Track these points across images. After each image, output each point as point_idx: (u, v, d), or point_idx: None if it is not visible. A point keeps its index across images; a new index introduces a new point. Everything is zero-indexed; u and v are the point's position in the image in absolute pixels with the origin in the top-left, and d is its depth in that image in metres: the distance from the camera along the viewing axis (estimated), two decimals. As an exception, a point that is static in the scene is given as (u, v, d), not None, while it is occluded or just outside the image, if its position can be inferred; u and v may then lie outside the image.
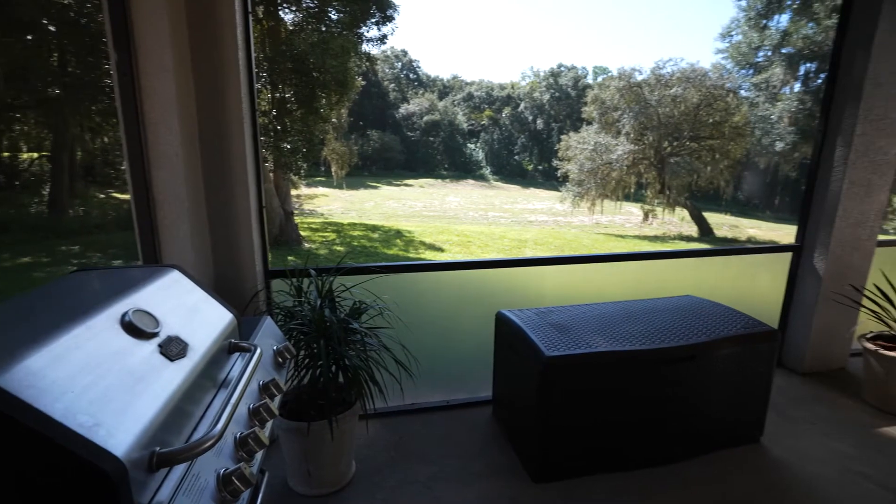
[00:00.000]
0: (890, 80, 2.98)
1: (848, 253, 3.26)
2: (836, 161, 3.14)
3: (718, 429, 2.48)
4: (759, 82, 21.91)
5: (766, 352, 2.47)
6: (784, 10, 18.74)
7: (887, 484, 2.28)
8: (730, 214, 23.84)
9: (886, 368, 2.88)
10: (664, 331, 2.37)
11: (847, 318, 3.38)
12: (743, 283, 3.64)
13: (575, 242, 16.05)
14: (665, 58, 23.11)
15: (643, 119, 19.16)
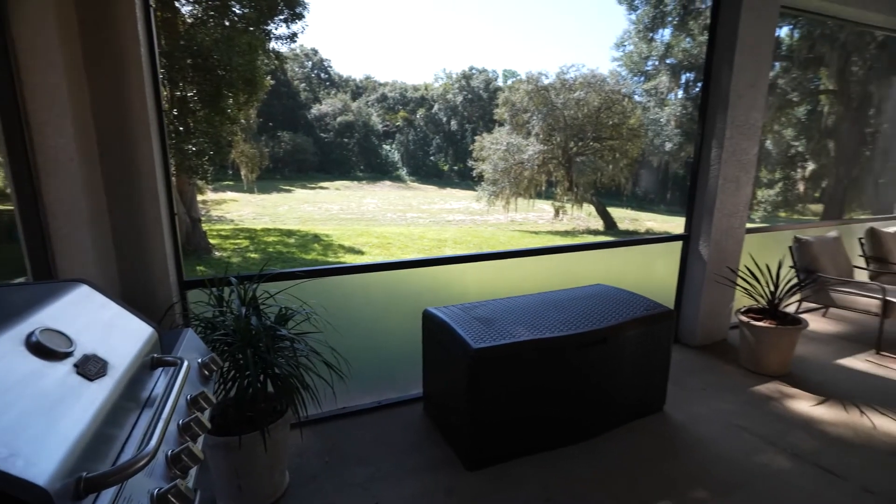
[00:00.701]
0: (748, 92, 3.49)
1: (724, 240, 3.75)
2: (713, 160, 3.60)
3: (628, 402, 2.75)
4: (650, 88, 24.05)
5: (665, 330, 2.78)
6: (666, 26, 20.78)
7: (759, 432, 2.67)
8: (630, 209, 25.92)
9: (756, 336, 3.36)
10: (579, 317, 2.58)
11: (726, 296, 3.89)
12: (643, 270, 4.04)
13: (492, 240, 16.62)
14: (568, 63, 24.58)
15: (551, 121, 20.25)
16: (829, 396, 3.10)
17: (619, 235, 19.41)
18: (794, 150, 19.64)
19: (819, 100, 17.88)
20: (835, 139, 17.66)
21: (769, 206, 20.47)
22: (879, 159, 16.60)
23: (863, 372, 3.50)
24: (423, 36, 51.04)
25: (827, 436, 2.67)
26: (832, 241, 4.42)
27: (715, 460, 2.45)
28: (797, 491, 2.22)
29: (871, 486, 2.28)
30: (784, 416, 2.87)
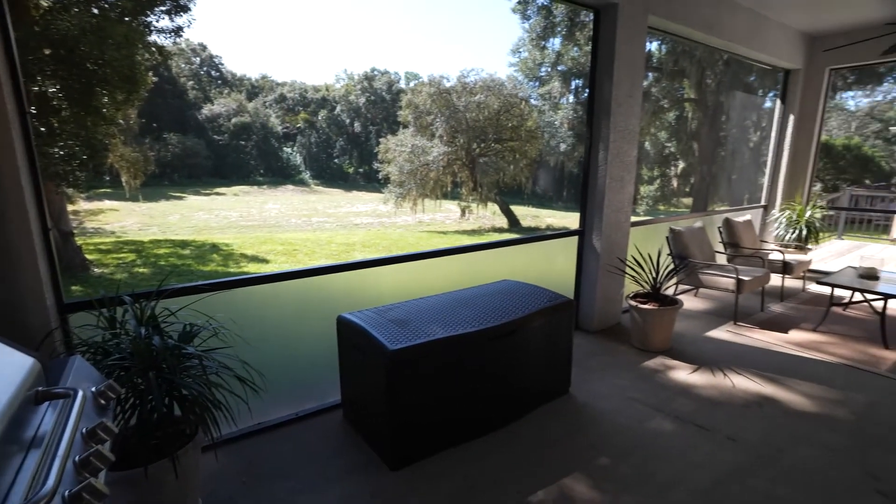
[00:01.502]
0: (626, 101, 3.91)
1: (614, 233, 4.16)
2: (600, 162, 3.98)
3: (537, 388, 2.96)
4: (544, 93, 25.62)
5: (567, 319, 3.04)
6: (556, 35, 22.29)
7: (649, 402, 3.03)
8: (531, 206, 27.38)
9: (643, 318, 3.78)
10: (489, 312, 2.73)
11: (617, 284, 4.32)
12: (545, 264, 4.34)
13: (402, 241, 16.68)
14: (469, 67, 25.36)
15: (454, 123, 20.77)
16: (701, 364, 3.59)
17: (523, 232, 20.48)
18: (667, 150, 22.15)
19: (684, 107, 20.33)
20: (698, 141, 20.19)
21: (650, 201, 22.83)
22: (731, 159, 19.32)
23: (725, 340, 4.09)
24: (323, 35, 49.53)
25: (700, 398, 3.10)
26: (699, 230, 5.10)
27: (614, 431, 2.73)
28: (679, 446, 2.56)
29: (733, 434, 2.69)
30: (668, 385, 3.28)
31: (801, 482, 2.32)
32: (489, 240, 5.68)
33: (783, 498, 2.21)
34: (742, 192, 18.08)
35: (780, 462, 2.47)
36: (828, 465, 2.46)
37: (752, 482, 2.32)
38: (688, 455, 2.51)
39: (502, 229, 21.29)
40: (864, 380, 3.40)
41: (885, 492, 2.28)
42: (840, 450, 2.59)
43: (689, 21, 4.37)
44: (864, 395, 3.19)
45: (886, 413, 2.97)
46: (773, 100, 6.82)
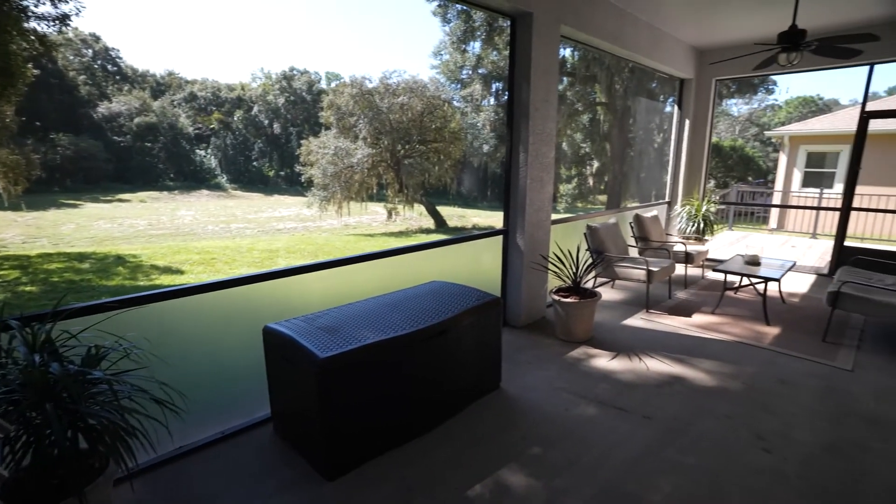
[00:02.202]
0: (543, 105, 4.11)
1: (536, 231, 4.36)
2: (521, 163, 4.15)
3: (470, 385, 3.04)
4: (466, 95, 26.12)
5: (495, 316, 3.14)
6: (476, 39, 22.82)
7: (574, 390, 3.21)
8: (457, 206, 27.82)
9: (566, 311, 4.00)
10: (420, 314, 2.75)
11: (541, 280, 4.53)
12: (473, 264, 4.45)
13: (328, 246, 16.27)
14: (391, 69, 25.25)
15: (377, 124, 20.61)
16: (619, 351, 3.87)
17: (450, 232, 20.76)
18: (583, 150, 23.50)
19: (597, 110, 21.68)
20: (609, 142, 21.62)
21: (569, 199, 24.10)
22: (639, 159, 20.93)
23: (639, 327, 4.43)
24: (236, 31, 46.80)
25: (619, 382, 3.34)
26: (613, 226, 5.48)
27: (543, 420, 2.87)
28: (602, 429, 2.75)
29: (648, 413, 2.94)
30: (590, 373, 3.49)
31: (705, 449, 2.59)
32: (417, 240, 5.71)
33: (692, 465, 2.45)
34: (650, 189, 19.63)
35: (688, 434, 2.73)
36: (725, 431, 2.76)
37: (666, 454, 2.54)
38: (610, 436, 2.70)
39: (429, 230, 21.44)
40: (752, 354, 3.85)
41: (768, 448, 2.60)
42: (734, 417, 2.91)
43: (597, 32, 4.68)
44: (752, 367, 3.61)
45: (767, 381, 3.38)
46: (672, 105, 7.50)
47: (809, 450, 2.61)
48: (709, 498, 2.23)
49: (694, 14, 5.30)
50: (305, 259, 13.89)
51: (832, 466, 2.47)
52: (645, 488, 2.28)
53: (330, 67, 47.92)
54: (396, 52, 47.16)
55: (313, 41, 46.22)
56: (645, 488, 2.28)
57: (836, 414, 2.98)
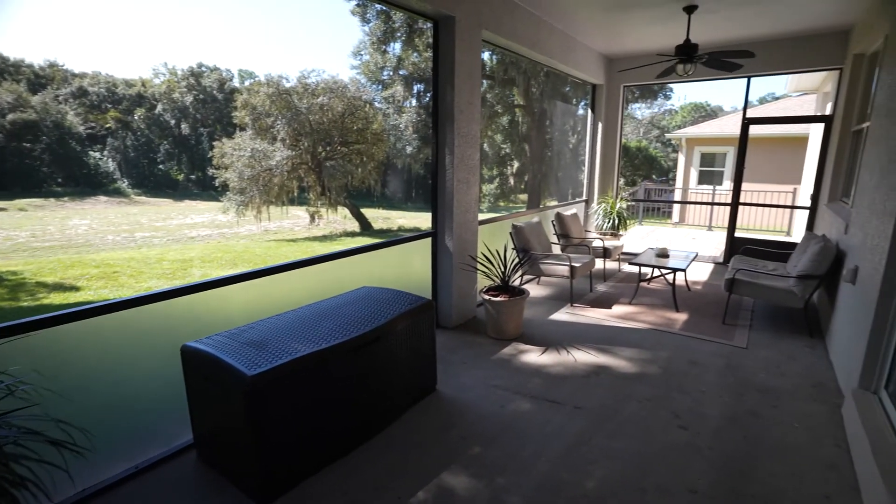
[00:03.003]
0: (467, 108, 4.18)
1: (464, 233, 4.42)
2: (447, 166, 4.19)
3: (408, 389, 3.01)
4: (388, 96, 25.92)
5: (428, 319, 3.13)
6: (396, 40, 22.73)
7: (508, 386, 3.29)
8: (382, 208, 27.55)
9: (496, 309, 4.09)
10: (352, 321, 2.68)
11: (471, 280, 4.60)
12: (403, 267, 4.42)
13: (248, 253, 15.41)
14: (309, 68, 24.43)
15: (296, 125, 19.88)
16: (548, 345, 4.03)
17: (376, 235, 20.50)
18: (503, 151, 24.26)
19: (515, 112, 22.48)
20: (528, 143, 22.51)
21: (492, 198, 24.76)
22: (556, 159, 22.00)
23: (565, 321, 4.65)
24: (132, 20, 42.69)
25: (550, 375, 3.48)
26: (536, 225, 5.69)
27: (481, 419, 2.91)
28: (537, 422, 2.84)
29: (578, 403, 3.08)
30: (523, 368, 3.60)
31: (630, 433, 2.76)
32: (342, 244, 5.56)
33: (620, 449, 2.60)
34: (567, 188, 20.70)
35: (614, 420, 2.90)
36: (647, 414, 2.97)
37: (596, 441, 2.68)
38: (545, 429, 2.80)
39: (354, 233, 21.03)
40: (665, 339, 4.18)
41: (684, 426, 2.83)
42: (653, 399, 3.14)
43: (517, 38, 4.84)
44: (666, 351, 3.92)
45: (680, 363, 3.69)
46: (585, 108, 7.95)
47: (717, 422, 2.88)
48: (637, 477, 2.38)
49: (602, 26, 5.65)
50: (223, 268, 13.05)
51: (735, 435, 2.75)
52: (580, 476, 2.39)
53: (243, 65, 45.22)
54: (314, 51, 45.64)
55: (223, 36, 43.43)
56: (580, 476, 2.39)
57: (737, 388, 3.31)
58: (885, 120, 3.36)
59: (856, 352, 3.06)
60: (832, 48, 5.98)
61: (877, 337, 2.82)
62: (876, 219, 3.11)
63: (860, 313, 3.13)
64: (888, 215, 2.86)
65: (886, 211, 2.90)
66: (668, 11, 4.98)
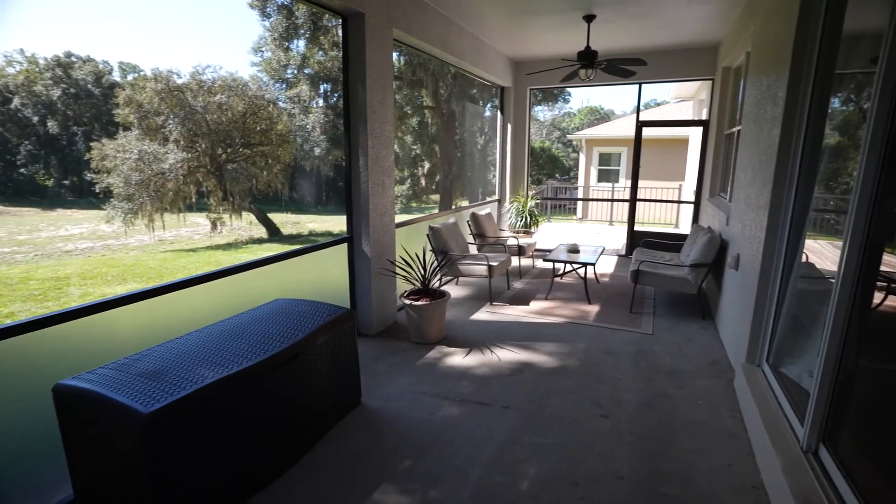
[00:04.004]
0: (380, 108, 4.06)
1: (381, 236, 4.29)
2: (361, 167, 4.03)
3: (330, 407, 2.82)
4: (293, 96, 24.79)
5: (349, 330, 2.97)
6: (300, 38, 21.79)
7: (435, 392, 3.23)
8: (290, 212, 26.33)
9: (418, 314, 4.02)
10: (267, 339, 2.45)
11: (390, 285, 4.48)
12: (319, 275, 4.18)
13: (139, 266, 13.90)
14: (204, 63, 22.59)
15: (192, 125, 18.34)
16: (472, 346, 4.03)
17: (285, 240, 19.53)
18: (414, 152, 24.30)
19: (425, 113, 22.60)
20: (438, 144, 22.76)
21: (404, 199, 24.69)
22: (467, 160, 22.49)
23: (486, 321, 4.70)
24: (-25, 3, 36.48)
25: (477, 377, 3.47)
26: (453, 225, 5.71)
27: (411, 429, 2.81)
28: (467, 426, 2.81)
29: (506, 402, 3.10)
30: (449, 372, 3.56)
31: (557, 427, 2.83)
32: (248, 252, 5.17)
33: (550, 444, 2.65)
34: (478, 188, 21.22)
35: (542, 415, 2.96)
36: (571, 406, 3.07)
37: (527, 439, 2.71)
38: (476, 432, 2.78)
39: (262, 240, 19.85)
40: (581, 331, 4.38)
41: (606, 414, 2.97)
42: (576, 391, 3.26)
43: (428, 38, 4.81)
44: (583, 343, 4.11)
45: (596, 354, 3.89)
46: (492, 110, 8.16)
47: (634, 407, 3.05)
48: (568, 470, 2.43)
49: (509, 30, 5.81)
50: (109, 285, 11.61)
51: (650, 417, 2.93)
52: (514, 477, 2.38)
53: (125, 57, 40.50)
54: (209, 45, 42.29)
55: (98, 24, 38.72)
56: (514, 477, 2.38)
57: (648, 373, 3.55)
58: (752, 125, 3.79)
59: (742, 330, 3.41)
60: (706, 61, 6.69)
61: (758, 316, 3.16)
62: (752, 212, 3.50)
63: (744, 296, 3.50)
64: (762, 208, 3.22)
65: (760, 205, 3.26)
66: (570, 19, 5.24)
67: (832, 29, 2.66)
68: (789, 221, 2.91)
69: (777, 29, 3.27)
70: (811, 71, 2.77)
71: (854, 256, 2.00)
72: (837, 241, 2.61)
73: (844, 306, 2.05)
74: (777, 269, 3.01)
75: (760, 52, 3.77)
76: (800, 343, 2.80)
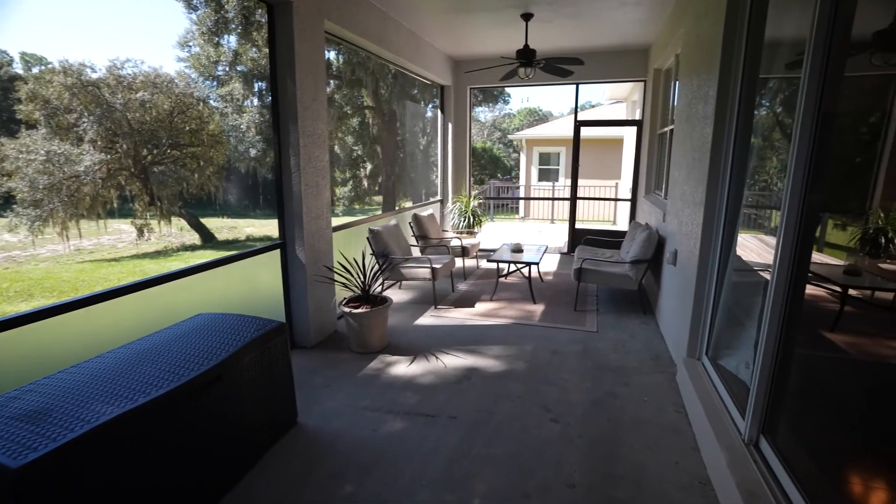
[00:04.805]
0: (312, 105, 3.80)
1: (317, 241, 4.03)
2: (293, 168, 3.75)
3: (263, 429, 2.56)
4: (225, 94, 23.50)
5: (281, 344, 2.71)
6: (231, 33, 20.67)
7: (378, 406, 3.03)
8: (226, 217, 24.98)
9: (359, 322, 3.80)
10: (185, 361, 2.16)
11: (329, 293, 4.22)
12: (250, 284, 3.86)
13: (50, 279, 12.60)
14: (122, 57, 20.89)
15: (110, 124, 16.89)
16: (416, 353, 3.87)
17: (220, 247, 18.47)
18: (355, 153, 23.77)
19: (365, 113, 22.16)
20: (380, 144, 22.40)
21: (346, 201, 24.10)
22: (409, 160, 22.29)
23: (431, 325, 4.55)
24: None
25: (422, 386, 3.31)
26: (394, 227, 5.51)
27: (352, 448, 2.60)
28: (414, 441, 2.64)
29: (453, 412, 2.96)
30: (393, 383, 3.37)
31: (507, 435, 2.72)
32: (179, 259, 4.72)
33: (499, 455, 2.53)
34: (421, 188, 21.08)
35: (490, 424, 2.84)
36: (520, 412, 2.97)
37: (476, 451, 2.58)
38: (422, 447, 2.61)
39: (195, 246, 18.64)
40: (527, 332, 4.33)
41: (555, 418, 2.90)
42: (524, 396, 3.18)
43: (363, 32, 4.58)
44: (529, 344, 4.05)
45: (543, 354, 3.84)
46: (433, 110, 8.03)
47: (583, 408, 3.01)
48: (519, 482, 2.32)
49: (446, 27, 5.70)
50: (10, 302, 10.40)
51: (599, 418, 2.89)
52: (464, 494, 2.24)
53: (27, 47, 36.70)
54: (128, 38, 39.29)
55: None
56: (464, 494, 2.24)
57: (594, 371, 3.54)
58: (685, 124, 3.89)
59: (682, 325, 3.48)
60: (638, 63, 6.91)
61: (697, 311, 3.22)
62: (688, 208, 3.58)
63: (682, 291, 3.57)
64: (697, 205, 3.29)
65: (696, 201, 3.33)
66: (508, 17, 5.20)
67: (756, 29, 2.74)
68: (723, 217, 2.98)
69: (706, 29, 3.35)
70: (739, 70, 2.84)
71: (787, 256, 2.03)
72: (766, 237, 2.72)
73: (779, 304, 2.08)
74: (714, 263, 3.07)
75: (690, 53, 3.87)
76: (736, 335, 2.87)
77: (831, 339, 2.10)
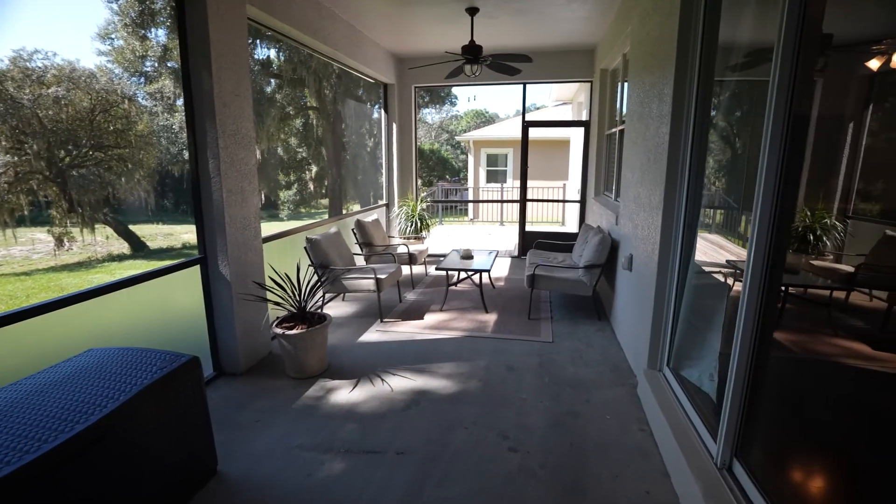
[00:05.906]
0: (233, 101, 3.34)
1: (244, 254, 3.56)
2: (212, 172, 3.28)
3: (172, 486, 2.12)
4: (154, 92, 21.90)
5: (193, 381, 2.28)
6: (159, 26, 19.23)
7: (313, 444, 2.64)
8: (161, 223, 23.33)
9: (293, 344, 3.38)
10: (60, 415, 1.71)
11: (260, 312, 3.76)
12: (165, 305, 3.35)
13: (-56, 299, 11.06)
14: (30, 48, 18.94)
15: (18, 123, 15.21)
16: (360, 376, 3.49)
17: (152, 256, 17.10)
18: (300, 155, 22.82)
19: (309, 114, 21.32)
20: (325, 146, 21.63)
21: (291, 206, 23.11)
22: (354, 163, 21.67)
23: (376, 342, 4.18)
24: None
25: (365, 416, 2.95)
26: (335, 235, 5.09)
27: (282, 500, 2.21)
28: (356, 485, 2.28)
29: (401, 447, 2.62)
30: (332, 413, 2.98)
31: (462, 471, 2.41)
32: (106, 271, 4.07)
33: (456, 497, 2.22)
34: (368, 191, 20.51)
35: (443, 458, 2.52)
36: (475, 442, 2.68)
37: (428, 492, 2.25)
38: (365, 493, 2.26)
39: (124, 256, 17.15)
40: (480, 345, 4.06)
41: (514, 447, 2.63)
42: (479, 421, 2.89)
43: (293, 21, 4.15)
44: (483, 359, 3.77)
45: (498, 371, 3.57)
46: (380, 111, 7.65)
47: (543, 433, 2.76)
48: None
49: (388, 20, 5.35)
50: None
51: (561, 443, 2.65)
52: (410, 554, 1.92)
53: (-82, 39, 32.59)
54: (35, 26, 35.86)
55: None
56: (410, 554, 1.92)
57: (553, 388, 3.31)
58: (638, 123, 3.76)
59: (641, 334, 3.32)
60: (585, 63, 6.85)
61: (657, 320, 3.06)
62: (643, 211, 3.43)
63: (640, 298, 3.41)
64: (654, 208, 3.13)
65: (652, 204, 3.18)
66: (452, 11, 4.92)
67: (712, 24, 2.60)
68: (682, 221, 2.83)
69: (658, 26, 3.21)
70: (695, 67, 2.70)
71: (759, 266, 1.85)
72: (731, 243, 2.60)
73: (751, 321, 1.91)
74: (673, 270, 2.92)
75: (641, 51, 3.75)
76: (697, 345, 2.72)
77: (777, 338, 1.98)
